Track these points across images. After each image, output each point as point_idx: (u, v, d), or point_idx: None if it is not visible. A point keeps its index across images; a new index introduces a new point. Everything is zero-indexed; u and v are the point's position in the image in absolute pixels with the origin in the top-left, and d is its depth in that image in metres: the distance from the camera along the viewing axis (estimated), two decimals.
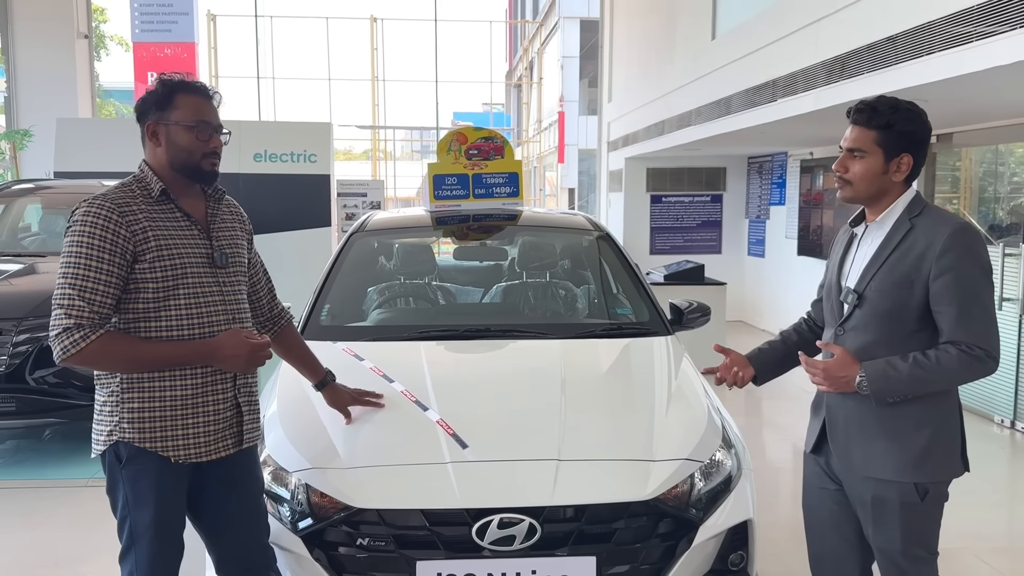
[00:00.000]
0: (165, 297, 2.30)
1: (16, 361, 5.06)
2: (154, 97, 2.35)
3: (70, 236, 2.23)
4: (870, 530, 2.40)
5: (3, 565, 3.93)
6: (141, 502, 2.30)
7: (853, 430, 2.39)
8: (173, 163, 2.36)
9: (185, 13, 20.67)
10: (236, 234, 2.53)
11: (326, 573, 2.55)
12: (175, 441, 2.31)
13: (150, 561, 2.32)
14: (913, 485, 2.30)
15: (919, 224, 2.29)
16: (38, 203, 7.34)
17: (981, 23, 4.07)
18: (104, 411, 2.33)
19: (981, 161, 6.96)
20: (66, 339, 2.17)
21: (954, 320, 2.21)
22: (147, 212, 2.30)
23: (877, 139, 2.31)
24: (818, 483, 2.56)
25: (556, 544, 2.55)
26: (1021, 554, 4.31)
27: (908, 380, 2.23)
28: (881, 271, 2.31)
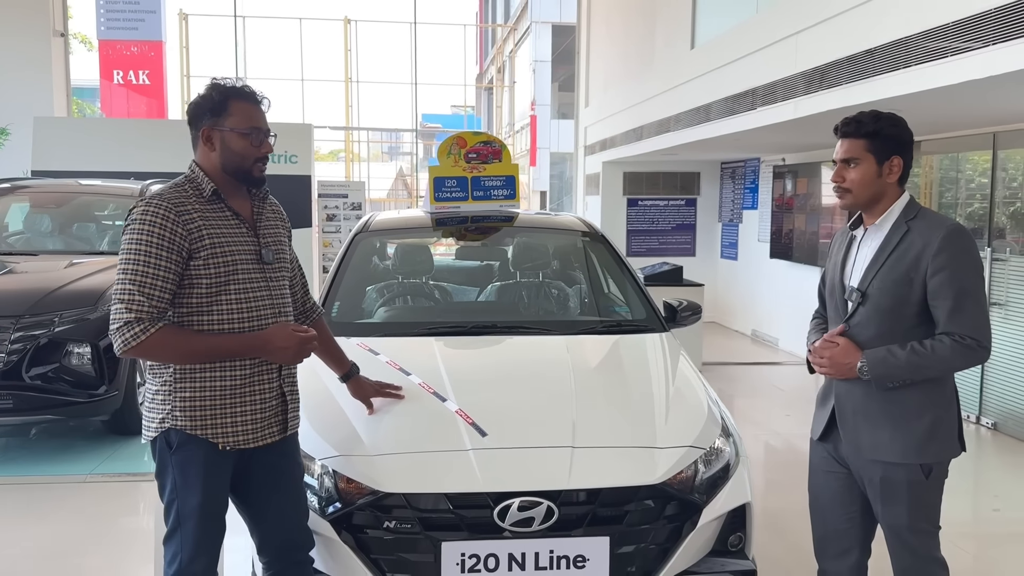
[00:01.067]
0: (217, 292, 2.41)
1: (13, 358, 5.10)
2: (208, 103, 2.45)
3: (129, 234, 2.34)
4: (879, 508, 2.59)
5: (11, 557, 4.00)
6: (190, 486, 2.41)
7: (860, 418, 2.58)
8: (226, 167, 2.47)
9: (152, 11, 20.48)
10: (279, 232, 2.65)
11: (354, 554, 2.69)
12: (224, 428, 2.43)
13: (195, 542, 2.43)
14: (919, 466, 2.50)
15: (915, 226, 2.49)
16: (21, 202, 7.31)
17: (956, 39, 4.32)
18: (156, 400, 2.44)
19: (949, 168, 7.27)
20: (127, 332, 2.28)
21: (948, 313, 2.42)
22: (200, 211, 2.41)
23: (867, 146, 2.51)
24: (825, 467, 2.74)
25: (572, 525, 2.70)
26: (986, 538, 4.60)
27: (906, 366, 2.43)
28: (882, 270, 2.50)
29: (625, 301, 4.25)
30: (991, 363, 6.38)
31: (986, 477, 5.72)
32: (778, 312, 9.95)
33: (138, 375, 5.71)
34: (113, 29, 20.32)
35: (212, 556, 2.50)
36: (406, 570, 2.68)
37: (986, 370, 6.45)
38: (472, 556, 2.65)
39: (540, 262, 4.59)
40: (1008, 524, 4.76)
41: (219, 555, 2.55)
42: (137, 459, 5.46)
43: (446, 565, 2.65)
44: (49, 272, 5.79)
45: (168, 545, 2.48)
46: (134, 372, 5.64)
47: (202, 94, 2.48)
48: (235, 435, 2.45)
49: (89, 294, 5.43)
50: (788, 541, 4.24)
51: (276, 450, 2.56)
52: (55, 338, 5.21)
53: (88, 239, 6.87)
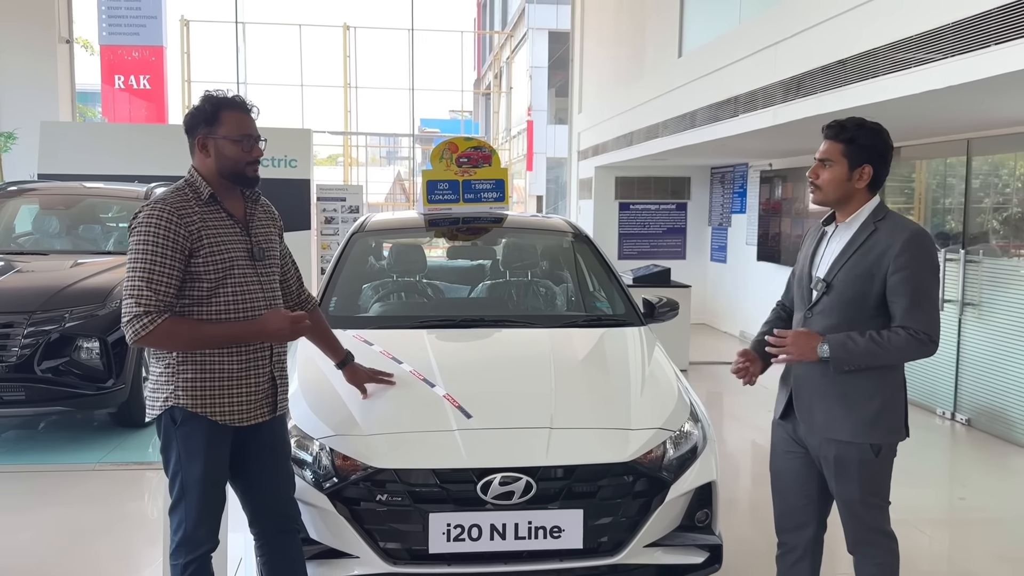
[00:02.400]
0: (216, 286, 2.66)
1: (26, 352, 5.35)
2: (202, 114, 2.70)
3: (136, 235, 2.58)
4: (833, 484, 2.82)
5: (28, 539, 4.24)
6: (192, 458, 2.66)
7: (816, 397, 2.81)
8: (221, 171, 2.72)
9: (153, 16, 20.72)
10: (270, 231, 2.90)
11: (349, 525, 2.94)
12: (222, 407, 2.67)
13: (198, 510, 2.67)
14: (868, 445, 2.73)
15: (882, 227, 2.71)
16: (30, 204, 7.56)
17: (919, 51, 4.58)
18: (160, 381, 2.68)
19: (933, 174, 7.54)
20: (137, 323, 2.52)
21: (905, 310, 2.65)
22: (200, 213, 2.66)
23: (843, 151, 2.73)
24: (784, 447, 2.98)
25: (549, 499, 2.96)
26: (950, 524, 4.86)
27: (864, 352, 2.66)
28: (847, 264, 2.73)
29: (606, 298, 4.51)
30: (965, 362, 6.64)
31: (957, 470, 5.97)
32: (765, 314, 10.16)
33: (144, 369, 5.95)
34: (115, 34, 20.56)
35: (214, 523, 2.74)
36: (397, 539, 2.94)
37: (961, 368, 6.70)
38: (457, 526, 2.91)
39: (527, 261, 4.85)
40: (970, 511, 5.01)
41: (220, 523, 2.79)
42: (143, 449, 5.71)
43: (433, 534, 2.90)
44: (59, 270, 6.04)
45: (173, 514, 2.72)
46: (140, 366, 5.88)
47: (196, 106, 2.73)
48: (231, 413, 2.69)
49: (98, 291, 5.69)
50: (762, 523, 4.49)
51: (267, 429, 2.80)
52: (65, 333, 5.45)
53: (94, 240, 7.12)
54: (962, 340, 6.69)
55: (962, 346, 6.69)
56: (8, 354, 5.31)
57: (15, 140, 11.34)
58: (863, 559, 2.86)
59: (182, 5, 43.78)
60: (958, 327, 6.71)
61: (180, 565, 2.70)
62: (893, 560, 2.84)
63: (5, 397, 5.33)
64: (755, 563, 3.86)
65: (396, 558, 2.93)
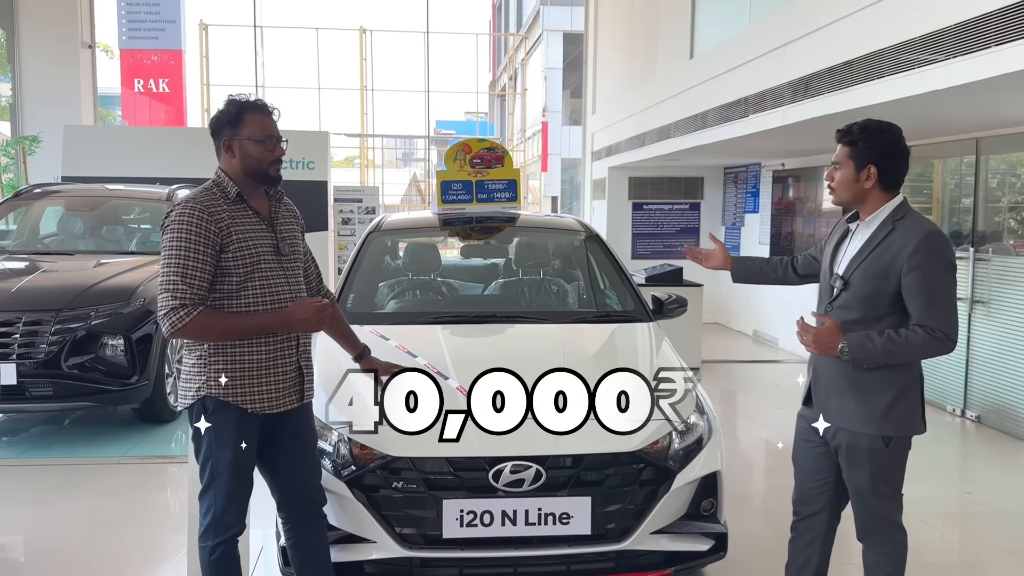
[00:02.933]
0: (245, 280, 2.80)
1: (53, 349, 5.51)
2: (227, 117, 2.84)
3: (169, 233, 2.73)
4: (845, 471, 2.91)
5: (57, 529, 4.39)
6: (222, 445, 2.79)
7: (831, 388, 2.90)
8: (246, 171, 2.85)
9: (172, 21, 21.02)
10: (293, 228, 3.03)
11: (367, 511, 3.07)
12: (252, 395, 2.81)
13: (227, 495, 2.81)
14: (880, 436, 2.82)
15: (900, 227, 2.79)
16: (55, 206, 7.75)
17: (922, 53, 4.66)
18: (193, 372, 2.82)
19: (942, 173, 7.59)
20: (173, 316, 2.66)
21: (921, 308, 2.72)
22: (228, 211, 2.80)
23: (849, 153, 2.84)
24: (805, 437, 3.06)
25: (558, 487, 3.08)
26: (956, 518, 4.93)
27: (881, 351, 2.74)
28: (864, 263, 2.82)
29: (616, 295, 4.62)
30: (975, 359, 6.69)
31: (965, 465, 6.03)
32: (778, 312, 10.24)
33: (167, 366, 6.12)
34: (134, 39, 20.87)
35: (241, 508, 2.87)
36: (412, 524, 3.07)
37: (970, 365, 6.75)
38: (470, 512, 3.03)
39: (539, 259, 4.97)
40: (976, 505, 5.08)
41: (247, 508, 2.92)
42: (165, 444, 5.87)
43: (447, 520, 3.03)
44: (84, 270, 6.22)
45: (203, 499, 2.85)
46: (163, 363, 6.05)
47: (221, 109, 2.87)
48: (261, 401, 2.82)
49: (123, 290, 5.86)
50: (773, 518, 4.59)
51: (295, 416, 2.93)
52: (91, 331, 5.62)
53: (117, 240, 7.30)
54: (972, 338, 6.74)
55: (972, 344, 6.74)
56: (36, 351, 5.48)
57: (39, 143, 11.58)
58: (871, 548, 2.94)
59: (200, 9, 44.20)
60: (968, 325, 6.76)
61: (208, 547, 2.83)
62: (900, 551, 2.92)
63: (34, 393, 5.50)
64: (766, 556, 3.95)
65: (412, 543, 3.06)
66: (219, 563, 2.84)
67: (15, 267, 6.37)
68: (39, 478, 5.13)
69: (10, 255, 6.69)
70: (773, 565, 3.80)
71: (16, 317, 5.50)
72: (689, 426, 3.38)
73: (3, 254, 6.71)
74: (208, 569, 2.86)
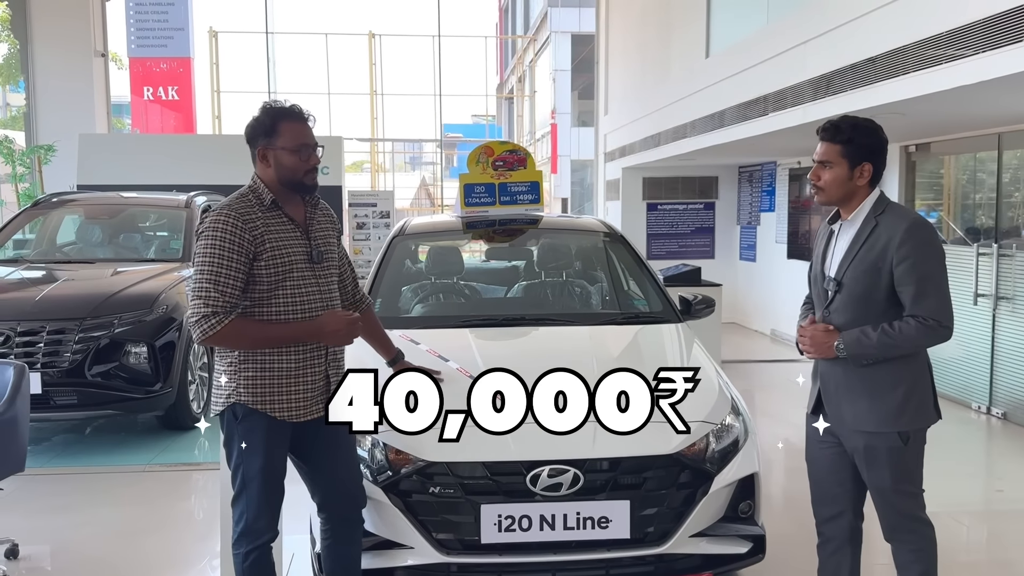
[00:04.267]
0: (275, 288, 2.78)
1: (77, 358, 5.52)
2: (262, 126, 2.82)
3: (203, 240, 2.72)
4: (865, 473, 2.88)
5: (86, 537, 4.39)
6: (253, 451, 2.78)
7: (842, 392, 2.88)
8: (281, 180, 2.83)
9: (180, 28, 21.14)
10: (329, 234, 3.01)
11: (404, 516, 3.05)
12: (280, 404, 2.80)
13: (259, 501, 2.80)
14: (896, 433, 2.79)
15: (882, 221, 2.78)
16: (74, 214, 7.76)
17: (949, 48, 4.62)
18: (223, 380, 2.81)
19: (964, 169, 7.54)
20: (205, 323, 2.65)
21: (913, 298, 2.72)
22: (263, 219, 2.79)
23: (842, 152, 2.79)
24: (818, 439, 3.03)
25: (596, 490, 3.05)
26: (985, 515, 4.90)
27: (877, 345, 2.73)
28: (854, 261, 2.80)
29: (643, 295, 4.59)
30: (1000, 356, 6.64)
31: (993, 463, 5.98)
32: (795, 311, 10.17)
33: (189, 373, 6.12)
34: (143, 47, 21.00)
35: (273, 514, 2.86)
36: (449, 530, 3.04)
37: (996, 362, 6.70)
38: (508, 517, 3.01)
39: (564, 261, 4.94)
40: (1008, 503, 5.02)
41: (279, 514, 2.91)
42: (190, 451, 5.88)
43: (485, 525, 3.00)
44: (106, 278, 6.23)
45: (235, 507, 2.84)
46: (186, 371, 6.05)
47: (256, 117, 2.84)
48: (289, 409, 2.81)
49: (145, 298, 5.86)
50: (798, 515, 4.55)
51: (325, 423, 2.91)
52: (115, 339, 5.63)
53: (136, 248, 7.30)
54: (996, 334, 6.68)
55: (997, 340, 6.68)
56: (61, 360, 5.49)
57: (55, 152, 11.63)
58: (900, 546, 2.91)
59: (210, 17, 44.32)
60: (992, 321, 6.70)
61: (241, 554, 2.83)
62: (930, 547, 2.89)
63: (58, 401, 5.51)
64: (792, 554, 3.92)
65: (449, 548, 3.04)
66: (252, 570, 2.84)
67: (37, 276, 6.38)
68: (66, 487, 5.13)
69: (30, 264, 6.71)
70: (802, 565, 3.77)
71: (40, 326, 5.51)
72: (725, 427, 3.35)
73: (24, 263, 6.74)
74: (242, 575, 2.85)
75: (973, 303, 6.85)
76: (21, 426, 3.78)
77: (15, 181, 11.72)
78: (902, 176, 7.91)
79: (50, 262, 6.86)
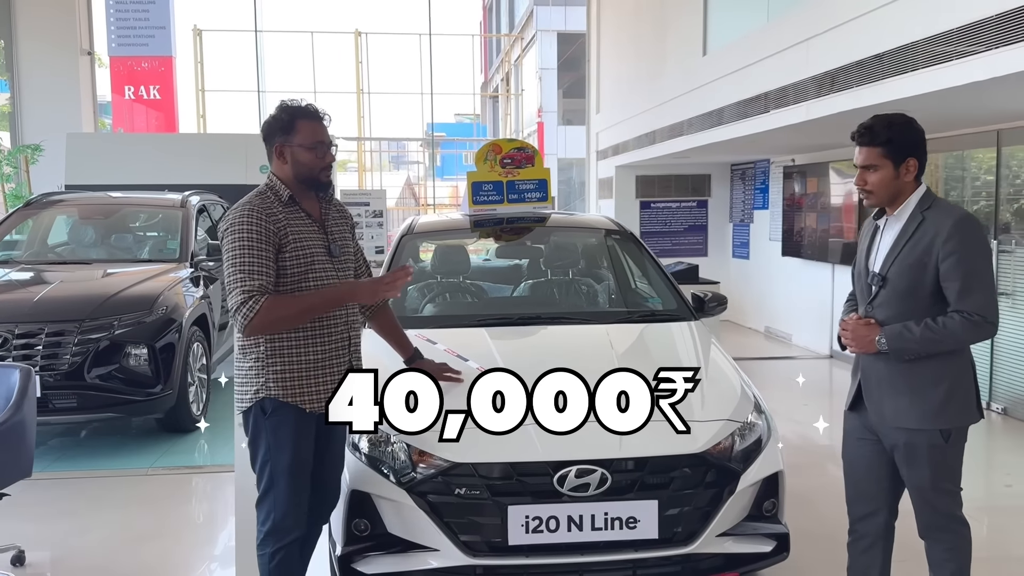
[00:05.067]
0: (300, 279, 2.81)
1: (77, 360, 5.42)
2: (279, 123, 2.86)
3: (231, 235, 2.74)
4: (905, 471, 2.87)
5: (91, 542, 4.31)
6: (281, 447, 2.78)
7: (884, 388, 2.86)
8: (298, 177, 2.88)
9: (162, 27, 20.89)
10: (344, 229, 3.04)
11: (429, 518, 3.00)
12: (310, 395, 2.80)
13: (287, 499, 2.79)
14: (938, 431, 2.78)
15: (929, 216, 2.78)
16: (64, 214, 7.63)
17: (960, 44, 4.62)
18: (250, 375, 2.80)
19: (965, 164, 7.57)
20: (244, 308, 2.66)
21: (958, 293, 2.71)
22: (283, 213, 2.83)
23: (883, 153, 2.79)
24: (856, 435, 3.02)
25: (624, 490, 3.02)
26: (998, 511, 4.90)
27: (920, 340, 2.72)
28: (900, 256, 2.80)
29: (657, 293, 4.57)
30: (1000, 351, 6.67)
31: (997, 458, 6.00)
32: (791, 308, 10.22)
33: (189, 375, 6.03)
34: (124, 46, 20.72)
35: (300, 512, 2.85)
36: (475, 531, 3.00)
37: (996, 358, 6.73)
38: (535, 518, 2.97)
39: (574, 258, 4.91)
40: (1019, 498, 5.04)
41: (306, 511, 2.87)
42: (190, 454, 5.80)
43: (512, 526, 2.96)
44: (104, 279, 6.13)
45: (261, 507, 2.83)
46: (186, 373, 5.96)
47: (273, 115, 2.89)
48: (318, 400, 2.81)
49: (145, 299, 5.77)
50: (815, 514, 4.54)
51: None
52: (115, 340, 5.54)
53: (129, 248, 7.19)
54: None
55: (997, 336, 6.69)
56: (60, 362, 5.39)
57: (42, 152, 11.46)
58: (934, 544, 2.90)
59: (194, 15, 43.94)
60: None
61: (268, 554, 2.81)
62: (965, 545, 2.88)
63: (58, 404, 5.41)
64: (815, 554, 3.90)
65: (475, 550, 2.99)
66: (279, 569, 2.82)
67: (32, 278, 6.27)
68: (69, 491, 5.03)
69: (24, 265, 6.59)
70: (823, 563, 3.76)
71: (38, 328, 5.42)
72: (749, 426, 3.33)
73: (17, 265, 6.61)
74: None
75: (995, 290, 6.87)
76: (28, 430, 3.70)
77: (1, 182, 11.54)
78: None
79: (43, 263, 6.74)
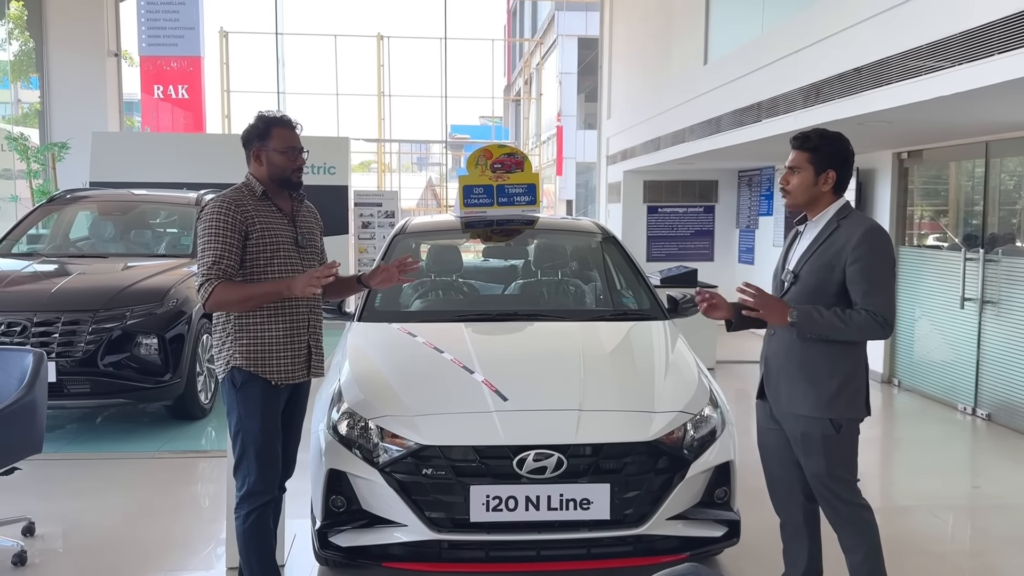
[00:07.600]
0: (266, 264, 3.18)
1: (90, 348, 5.74)
2: (256, 131, 3.25)
3: (204, 223, 3.13)
4: (803, 459, 3.12)
5: (98, 517, 4.59)
6: (251, 415, 3.14)
7: (783, 376, 3.13)
8: (272, 177, 3.25)
9: (191, 28, 21.38)
10: (312, 227, 3.42)
11: (398, 496, 3.26)
12: (272, 367, 3.16)
13: (259, 464, 3.14)
14: (829, 420, 3.02)
15: (844, 224, 3.04)
16: (87, 210, 7.98)
17: (929, 59, 4.81)
18: (223, 347, 3.20)
19: (953, 175, 7.71)
20: (201, 289, 3.08)
21: (863, 295, 2.96)
22: (253, 206, 3.20)
23: (809, 159, 3.07)
24: (765, 424, 3.30)
25: (579, 474, 3.26)
26: (964, 510, 5.05)
27: (827, 323, 2.95)
28: (813, 257, 3.06)
29: (632, 294, 4.80)
30: (986, 358, 6.81)
31: (975, 461, 6.15)
32: None
33: (198, 365, 6.34)
34: (154, 45, 21.25)
35: (272, 476, 3.21)
36: (441, 509, 3.25)
37: (981, 364, 6.87)
38: (495, 498, 3.22)
39: (558, 260, 5.15)
40: (984, 499, 5.21)
41: (278, 476, 3.23)
42: (197, 439, 6.09)
43: (474, 505, 3.21)
44: (119, 272, 6.46)
45: (237, 473, 3.20)
46: (195, 362, 6.27)
47: (251, 123, 3.28)
48: (280, 373, 3.18)
49: (156, 291, 6.09)
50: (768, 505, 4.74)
51: (300, 391, 3.33)
52: (127, 330, 5.85)
53: (147, 243, 7.54)
54: (982, 337, 6.85)
55: (982, 343, 6.85)
56: (75, 350, 5.71)
57: (68, 150, 11.88)
58: (843, 531, 3.13)
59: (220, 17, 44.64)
60: (978, 325, 6.88)
61: (242, 516, 3.17)
62: (871, 529, 3.10)
63: (72, 389, 5.73)
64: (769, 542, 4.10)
65: (440, 526, 3.25)
66: (252, 529, 3.17)
67: (52, 269, 6.61)
68: (80, 471, 5.35)
69: (45, 258, 6.94)
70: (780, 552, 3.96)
71: (55, 317, 5.74)
72: (703, 418, 3.55)
73: (39, 257, 6.97)
74: (242, 537, 3.18)
75: (960, 307, 7.04)
76: (39, 410, 4.00)
77: (29, 177, 11.98)
78: (894, 182, 8.09)
79: (64, 256, 7.09)
